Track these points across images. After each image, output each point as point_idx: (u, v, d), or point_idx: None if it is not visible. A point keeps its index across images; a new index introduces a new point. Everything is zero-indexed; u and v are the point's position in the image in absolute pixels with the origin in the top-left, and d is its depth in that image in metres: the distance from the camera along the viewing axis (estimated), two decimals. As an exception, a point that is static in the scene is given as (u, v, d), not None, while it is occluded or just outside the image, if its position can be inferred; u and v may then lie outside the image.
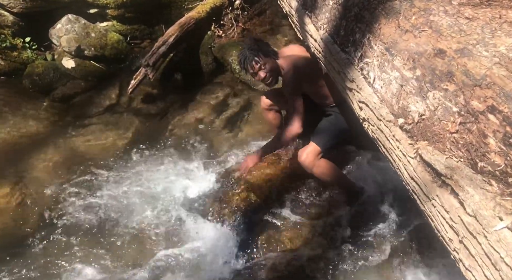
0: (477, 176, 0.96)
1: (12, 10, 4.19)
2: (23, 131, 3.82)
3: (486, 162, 0.95)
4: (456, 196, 1.01)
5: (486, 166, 0.95)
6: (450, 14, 1.42)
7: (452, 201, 1.02)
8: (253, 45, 2.57)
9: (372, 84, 1.55)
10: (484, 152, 0.97)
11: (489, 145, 0.97)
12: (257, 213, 2.82)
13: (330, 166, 2.73)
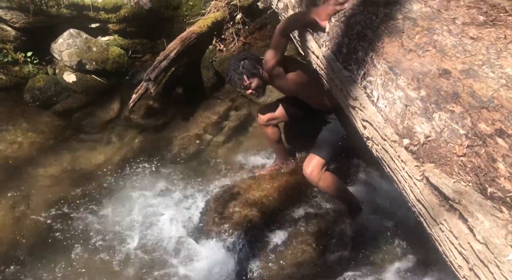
0: (486, 202, 0.93)
1: (15, 25, 4.21)
2: (23, 145, 3.81)
3: (496, 187, 0.93)
4: (465, 221, 0.98)
5: (496, 191, 0.92)
6: (454, 33, 1.41)
7: (461, 226, 0.99)
8: (237, 67, 2.63)
9: (375, 103, 1.53)
10: (493, 177, 0.95)
11: (499, 170, 0.95)
12: (258, 230, 2.79)
13: (335, 180, 2.74)
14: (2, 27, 4.19)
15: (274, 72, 2.61)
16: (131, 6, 4.42)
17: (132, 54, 4.78)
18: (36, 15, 4.16)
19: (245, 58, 2.65)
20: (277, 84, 2.80)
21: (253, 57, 2.70)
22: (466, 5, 1.59)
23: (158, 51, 4.40)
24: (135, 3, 4.44)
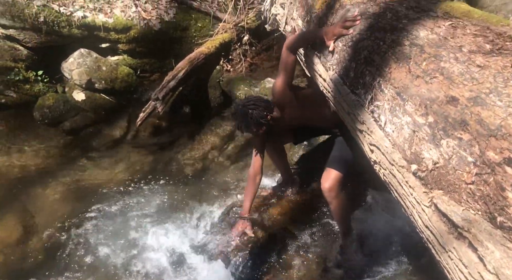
0: (496, 231, 0.93)
1: (27, 44, 4.31)
2: (31, 162, 3.86)
3: (506, 217, 0.93)
4: (474, 250, 0.98)
5: (506, 221, 0.92)
6: (461, 61, 1.43)
7: (471, 255, 0.99)
8: (245, 117, 2.42)
9: (383, 128, 1.55)
10: (502, 206, 0.95)
11: (508, 199, 0.95)
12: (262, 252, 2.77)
13: (347, 204, 2.67)
14: (15, 46, 4.29)
15: (287, 99, 2.42)
16: (141, 27, 4.51)
17: (140, 73, 4.85)
18: (48, 35, 4.26)
19: (253, 108, 2.41)
20: (288, 115, 2.53)
21: (261, 104, 2.44)
22: (472, 33, 1.61)
23: (167, 70, 4.47)
24: (145, 24, 4.53)
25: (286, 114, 2.51)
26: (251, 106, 2.42)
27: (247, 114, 2.41)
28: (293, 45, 2.34)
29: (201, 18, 4.98)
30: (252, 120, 2.41)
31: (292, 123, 2.72)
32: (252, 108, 2.41)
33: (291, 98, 2.44)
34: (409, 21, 1.86)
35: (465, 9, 1.92)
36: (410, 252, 2.62)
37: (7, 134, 4.14)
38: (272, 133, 2.68)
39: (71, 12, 4.21)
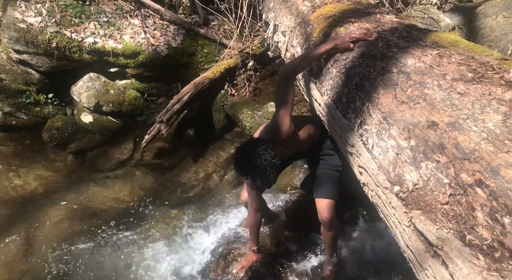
0: (465, 249, 0.98)
1: (39, 68, 4.48)
2: (37, 183, 3.94)
3: (474, 235, 0.98)
4: (446, 267, 1.02)
5: (474, 239, 0.97)
6: (443, 88, 1.51)
7: (444, 272, 1.04)
8: (259, 165, 1.99)
9: (370, 151, 1.61)
10: (472, 225, 1.00)
11: (477, 219, 1.00)
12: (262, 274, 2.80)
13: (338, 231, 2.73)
14: (28, 70, 4.46)
15: (291, 130, 2.21)
16: (149, 52, 4.67)
17: (147, 97, 4.98)
18: (59, 60, 4.43)
19: (263, 149, 2.01)
20: (290, 150, 2.34)
21: (267, 143, 2.07)
22: (457, 62, 1.70)
23: (173, 94, 4.59)
24: (153, 49, 4.70)
25: (289, 149, 2.30)
26: (260, 148, 2.02)
27: (260, 161, 1.99)
28: (295, 68, 2.24)
29: (207, 45, 5.14)
30: (267, 162, 1.98)
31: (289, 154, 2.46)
32: (261, 150, 2.01)
33: (295, 133, 2.29)
34: (399, 50, 1.96)
35: (453, 39, 2.01)
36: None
37: (15, 155, 4.25)
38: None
39: (82, 38, 4.39)
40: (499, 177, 1.03)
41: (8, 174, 3.99)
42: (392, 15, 2.60)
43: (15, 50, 4.36)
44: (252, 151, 2.02)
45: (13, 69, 4.39)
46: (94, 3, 4.68)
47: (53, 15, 4.37)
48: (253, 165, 1.98)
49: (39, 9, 4.38)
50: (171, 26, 5.02)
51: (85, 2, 4.64)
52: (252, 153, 2.00)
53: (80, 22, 4.46)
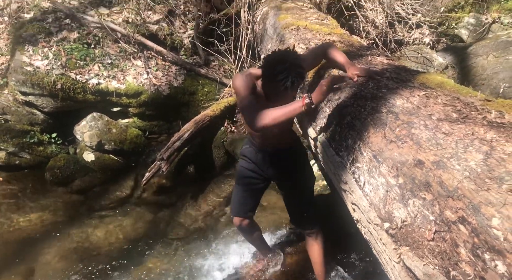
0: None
1: (44, 109, 4.62)
2: (39, 221, 3.96)
3: (458, 271, 1.02)
4: (434, 304, 1.06)
5: (458, 275, 1.01)
6: (429, 128, 1.58)
7: (432, 309, 1.07)
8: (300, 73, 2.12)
9: (362, 188, 1.67)
10: (456, 261, 1.04)
11: (460, 255, 1.04)
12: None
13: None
14: (33, 111, 4.60)
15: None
16: (151, 92, 4.82)
17: (149, 135, 5.09)
18: (64, 100, 4.57)
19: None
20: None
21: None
22: (443, 103, 1.78)
23: (174, 131, 4.70)
24: (155, 89, 4.85)
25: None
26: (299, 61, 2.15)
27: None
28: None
29: (208, 84, 5.31)
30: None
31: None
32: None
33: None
34: (388, 91, 2.05)
35: (440, 81, 2.11)
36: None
37: (18, 194, 4.29)
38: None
39: (86, 80, 4.55)
40: (480, 215, 1.08)
41: (9, 214, 4.01)
42: (383, 56, 2.72)
43: (21, 92, 4.52)
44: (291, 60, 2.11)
45: (19, 110, 4.52)
46: (99, 46, 4.88)
47: (59, 58, 4.56)
48: (287, 71, 2.06)
49: (46, 52, 4.57)
50: (173, 66, 5.21)
51: (90, 45, 4.85)
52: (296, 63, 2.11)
53: (85, 64, 4.64)
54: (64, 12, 5.07)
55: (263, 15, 4.96)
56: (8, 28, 5.27)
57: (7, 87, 4.65)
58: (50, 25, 4.91)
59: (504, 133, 1.38)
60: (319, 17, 4.23)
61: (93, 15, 5.11)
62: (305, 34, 3.56)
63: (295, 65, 2.11)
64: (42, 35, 4.74)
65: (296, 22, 3.93)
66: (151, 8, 5.44)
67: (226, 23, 5.40)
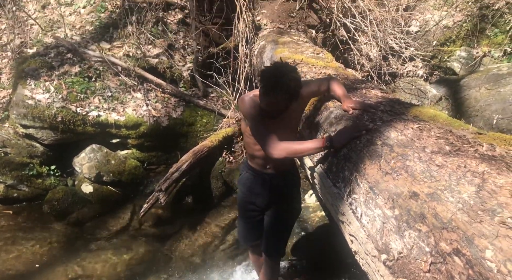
0: (448, 318, 1.03)
1: (43, 142, 4.66)
2: (35, 254, 3.92)
3: (455, 303, 1.04)
4: None
5: (455, 307, 1.03)
6: (423, 160, 1.62)
7: None
8: (285, 79, 2.10)
9: (359, 219, 1.69)
10: (452, 294, 1.06)
11: (456, 287, 1.07)
12: None
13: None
14: (33, 144, 4.64)
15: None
16: (150, 123, 4.88)
17: (147, 166, 5.11)
18: (63, 133, 4.62)
19: (298, 75, 2.18)
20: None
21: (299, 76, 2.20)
22: (436, 136, 1.83)
23: (172, 162, 4.72)
24: (154, 121, 4.92)
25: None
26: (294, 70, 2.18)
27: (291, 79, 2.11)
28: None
29: (206, 115, 5.39)
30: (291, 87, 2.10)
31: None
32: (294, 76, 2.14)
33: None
34: (382, 123, 2.11)
35: (432, 114, 2.18)
36: None
37: (14, 227, 4.26)
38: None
39: (86, 112, 4.62)
40: (473, 246, 1.11)
41: (6, 247, 3.97)
42: (377, 90, 2.80)
43: (22, 125, 4.57)
44: (296, 73, 2.16)
45: (19, 143, 4.56)
46: (100, 79, 4.99)
47: (60, 92, 4.65)
48: (296, 81, 2.11)
49: (47, 86, 4.66)
50: (172, 98, 5.30)
51: (91, 78, 4.95)
52: (296, 74, 2.14)
53: (86, 97, 4.72)
54: (66, 47, 5.20)
55: (261, 49, 5.11)
56: (10, 62, 5.39)
57: (8, 120, 4.71)
58: (52, 60, 5.03)
59: (495, 165, 1.43)
60: (314, 50, 4.36)
61: (94, 49, 5.25)
62: (301, 67, 3.66)
63: (292, 76, 2.13)
64: (44, 69, 4.84)
65: (293, 56, 4.05)
66: (151, 42, 5.58)
67: (225, 56, 5.54)
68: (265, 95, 2.16)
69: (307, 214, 4.20)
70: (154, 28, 5.66)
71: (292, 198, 2.75)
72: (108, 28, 5.61)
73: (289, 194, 2.71)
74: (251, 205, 2.78)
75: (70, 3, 6.00)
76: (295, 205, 2.80)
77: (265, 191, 2.68)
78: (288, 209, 2.74)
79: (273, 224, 2.77)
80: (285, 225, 2.80)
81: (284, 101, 2.16)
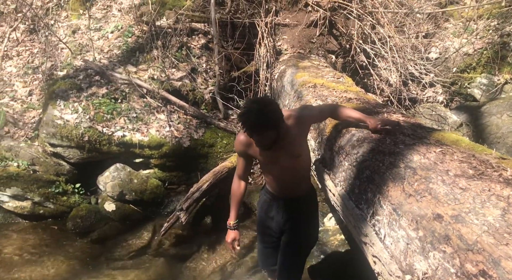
0: None
1: (70, 160, 4.81)
2: (58, 270, 3.98)
3: (482, 324, 1.05)
4: None
5: (482, 327, 1.04)
6: (447, 183, 1.65)
7: None
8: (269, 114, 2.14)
9: (383, 240, 1.72)
10: (479, 314, 1.08)
11: (483, 307, 1.08)
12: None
13: None
14: (60, 162, 4.80)
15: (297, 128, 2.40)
16: (173, 144, 5.00)
17: (168, 185, 5.19)
18: (89, 152, 4.77)
19: (273, 108, 2.20)
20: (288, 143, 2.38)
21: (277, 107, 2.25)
22: (459, 160, 1.86)
23: (192, 182, 4.79)
24: (176, 141, 5.03)
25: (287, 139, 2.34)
26: (270, 104, 2.22)
27: (266, 111, 2.13)
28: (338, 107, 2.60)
29: (226, 136, 5.48)
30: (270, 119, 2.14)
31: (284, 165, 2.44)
32: (271, 106, 2.19)
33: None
34: (405, 147, 2.15)
35: (455, 138, 2.20)
36: None
37: (39, 243, 4.36)
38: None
39: (112, 132, 4.77)
40: (500, 268, 1.13)
41: (29, 263, 4.05)
42: (399, 114, 2.85)
43: (50, 144, 4.74)
44: (269, 105, 2.20)
45: (47, 161, 4.72)
46: (126, 101, 5.16)
47: (88, 112, 4.82)
48: (269, 116, 2.13)
49: (76, 107, 4.85)
50: (194, 120, 5.43)
51: (117, 100, 5.13)
52: (269, 106, 2.17)
53: (112, 118, 4.88)
54: (95, 70, 5.42)
55: (281, 73, 5.23)
56: (41, 84, 5.64)
57: (37, 139, 4.90)
58: (81, 82, 5.24)
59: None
60: (335, 75, 4.44)
61: (121, 72, 5.45)
62: (322, 91, 3.74)
63: (268, 110, 2.14)
64: (73, 90, 5.05)
65: (313, 80, 4.14)
66: (175, 66, 5.77)
67: (246, 80, 5.68)
68: (251, 136, 2.24)
69: (326, 237, 4.18)
70: (178, 53, 5.85)
71: (308, 224, 2.71)
72: (134, 52, 5.83)
73: (305, 220, 2.68)
74: (268, 229, 2.81)
75: (99, 28, 6.27)
76: (311, 232, 2.77)
77: (279, 215, 2.71)
78: (303, 236, 2.71)
79: (286, 251, 2.74)
80: (298, 253, 2.76)
81: (270, 134, 2.21)
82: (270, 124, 2.15)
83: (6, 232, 4.48)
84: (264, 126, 2.14)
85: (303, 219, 2.67)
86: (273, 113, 2.17)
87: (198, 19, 6.20)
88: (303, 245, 2.75)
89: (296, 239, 2.70)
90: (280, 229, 2.75)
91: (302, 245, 2.74)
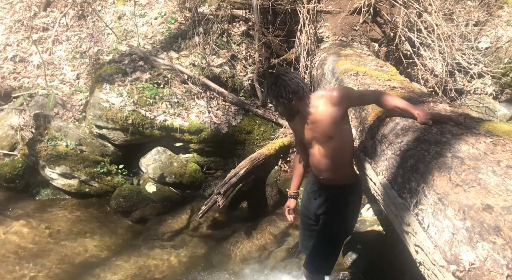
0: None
1: (115, 142, 5.01)
2: (99, 247, 4.18)
3: (533, 315, 1.02)
4: None
5: (533, 319, 1.01)
6: (498, 174, 1.59)
7: None
8: (273, 85, 2.41)
9: (426, 230, 1.68)
10: (531, 306, 1.05)
11: (536, 299, 1.05)
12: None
13: None
14: (105, 143, 5.00)
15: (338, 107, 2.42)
16: (211, 129, 5.08)
17: (206, 170, 5.30)
18: (133, 134, 4.94)
19: (283, 81, 2.39)
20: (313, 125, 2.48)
21: (293, 83, 2.39)
22: (511, 151, 1.78)
23: (229, 168, 4.87)
24: (215, 127, 5.11)
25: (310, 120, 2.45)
26: (283, 78, 2.40)
27: (274, 84, 2.39)
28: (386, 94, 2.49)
29: (264, 124, 5.51)
30: (277, 89, 2.37)
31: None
32: (282, 80, 2.39)
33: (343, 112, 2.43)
34: (452, 136, 2.08)
35: (507, 129, 2.11)
36: None
37: (83, 220, 4.58)
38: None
39: (154, 116, 4.91)
40: (555, 260, 1.09)
41: (73, 238, 4.27)
42: (445, 103, 2.75)
43: (97, 126, 4.95)
44: (277, 81, 2.41)
45: (93, 142, 4.94)
46: (167, 86, 5.28)
47: (132, 96, 4.98)
48: (272, 89, 2.40)
49: (120, 91, 5.01)
50: (232, 106, 5.48)
51: (159, 85, 5.26)
52: (277, 81, 2.40)
53: (154, 102, 5.02)
54: (139, 55, 5.57)
55: (321, 61, 5.17)
56: (88, 68, 5.87)
57: (84, 120, 5.12)
58: (126, 66, 5.41)
59: None
60: (378, 64, 4.34)
61: (163, 58, 5.58)
62: (364, 79, 3.66)
63: (282, 79, 2.40)
64: (118, 75, 5.22)
65: (355, 68, 4.06)
66: (215, 52, 5.83)
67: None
68: (271, 104, 2.55)
69: (363, 227, 4.14)
70: (219, 39, 5.90)
71: (342, 216, 2.64)
72: (176, 38, 5.94)
73: (340, 212, 2.63)
74: (307, 210, 2.82)
75: (143, 14, 6.42)
76: (348, 221, 2.70)
77: (315, 199, 2.72)
78: (335, 227, 2.65)
79: (319, 237, 2.70)
80: (330, 242, 2.68)
81: (276, 105, 2.50)
82: (269, 96, 2.45)
83: (55, 208, 4.75)
84: (268, 97, 2.46)
85: (338, 210, 2.63)
86: (278, 88, 2.39)
87: (240, 6, 6.21)
88: (336, 234, 2.69)
89: (327, 228, 2.67)
90: (314, 213, 2.75)
91: (336, 234, 2.68)
